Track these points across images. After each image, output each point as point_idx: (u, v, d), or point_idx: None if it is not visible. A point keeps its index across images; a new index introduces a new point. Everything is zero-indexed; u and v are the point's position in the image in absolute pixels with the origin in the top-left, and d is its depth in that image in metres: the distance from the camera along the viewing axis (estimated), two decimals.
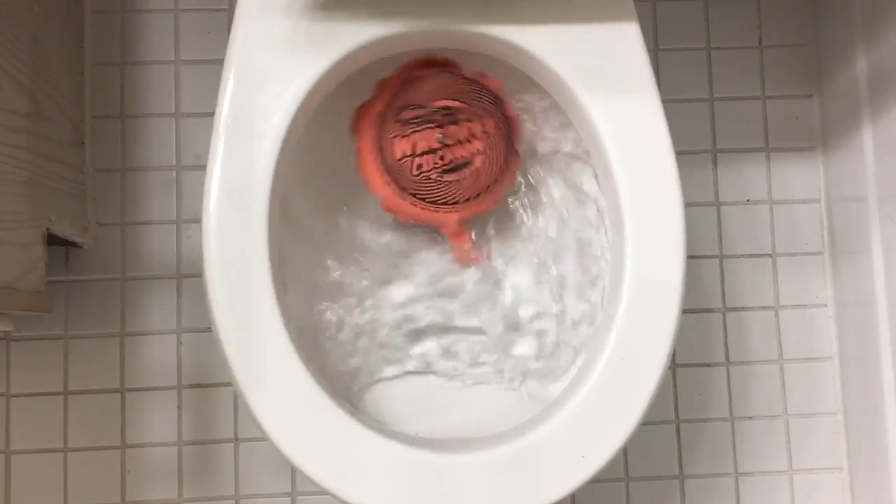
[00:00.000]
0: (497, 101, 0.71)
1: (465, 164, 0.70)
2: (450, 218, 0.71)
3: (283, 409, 0.61)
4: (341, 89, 0.69)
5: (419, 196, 0.70)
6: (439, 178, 0.69)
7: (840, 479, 0.95)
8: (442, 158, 0.69)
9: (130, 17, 0.96)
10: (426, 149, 0.69)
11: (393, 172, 0.70)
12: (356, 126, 0.73)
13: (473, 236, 0.75)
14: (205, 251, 0.63)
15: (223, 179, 0.64)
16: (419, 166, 0.69)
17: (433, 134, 0.69)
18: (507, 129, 0.71)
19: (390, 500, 0.59)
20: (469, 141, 0.69)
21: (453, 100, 0.70)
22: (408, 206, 0.71)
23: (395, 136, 0.69)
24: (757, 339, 0.96)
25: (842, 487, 0.94)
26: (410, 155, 0.69)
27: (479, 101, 0.70)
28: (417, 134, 0.69)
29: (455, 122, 0.69)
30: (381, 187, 0.71)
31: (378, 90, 0.72)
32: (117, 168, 0.94)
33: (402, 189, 0.70)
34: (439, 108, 0.69)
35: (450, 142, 0.69)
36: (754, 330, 0.96)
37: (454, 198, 0.70)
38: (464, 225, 0.73)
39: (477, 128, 0.69)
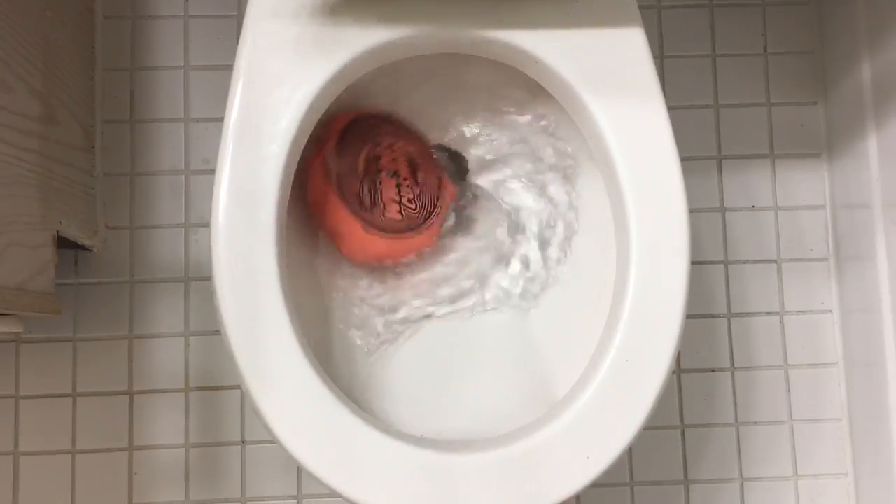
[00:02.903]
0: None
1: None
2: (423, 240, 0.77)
3: (291, 411, 0.61)
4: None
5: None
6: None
7: (845, 484, 0.95)
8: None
9: (141, 22, 0.97)
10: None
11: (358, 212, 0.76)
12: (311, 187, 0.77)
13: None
14: (213, 253, 0.64)
15: (232, 182, 0.65)
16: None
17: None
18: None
19: (397, 501, 0.60)
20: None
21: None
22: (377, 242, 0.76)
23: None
24: (762, 345, 0.96)
25: (847, 493, 0.94)
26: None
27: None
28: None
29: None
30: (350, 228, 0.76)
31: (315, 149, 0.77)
32: (127, 172, 0.95)
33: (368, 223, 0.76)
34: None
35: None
36: (759, 335, 0.96)
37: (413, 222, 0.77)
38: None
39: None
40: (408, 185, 0.77)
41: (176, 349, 0.93)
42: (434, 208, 0.78)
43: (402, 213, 0.77)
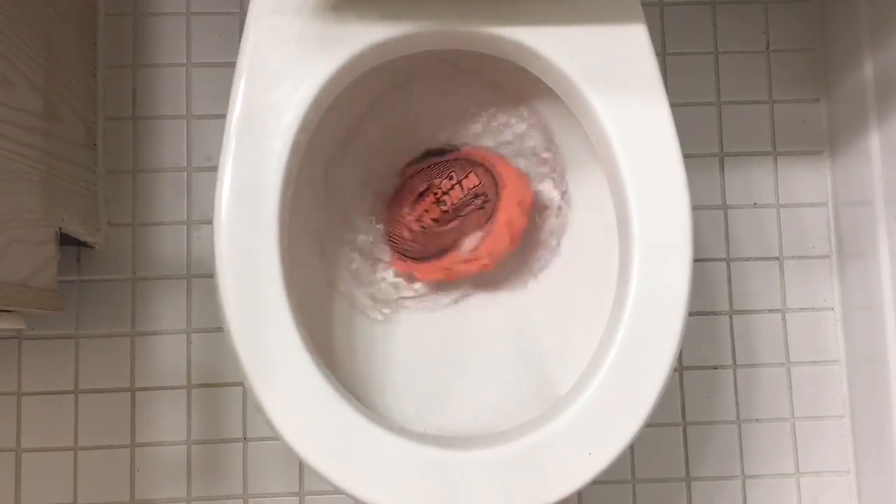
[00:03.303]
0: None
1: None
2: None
3: (294, 407, 0.61)
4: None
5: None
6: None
7: (847, 482, 0.95)
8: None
9: (143, 20, 0.97)
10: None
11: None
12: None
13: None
14: (216, 250, 0.64)
15: (235, 179, 0.65)
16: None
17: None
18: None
19: (399, 496, 0.60)
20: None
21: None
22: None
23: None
24: (764, 342, 0.96)
25: (849, 490, 0.94)
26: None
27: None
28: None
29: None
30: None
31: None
32: (129, 169, 0.95)
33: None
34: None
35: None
36: (761, 333, 0.96)
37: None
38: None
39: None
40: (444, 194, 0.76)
41: (178, 346, 0.93)
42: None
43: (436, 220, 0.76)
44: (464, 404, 0.72)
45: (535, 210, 0.77)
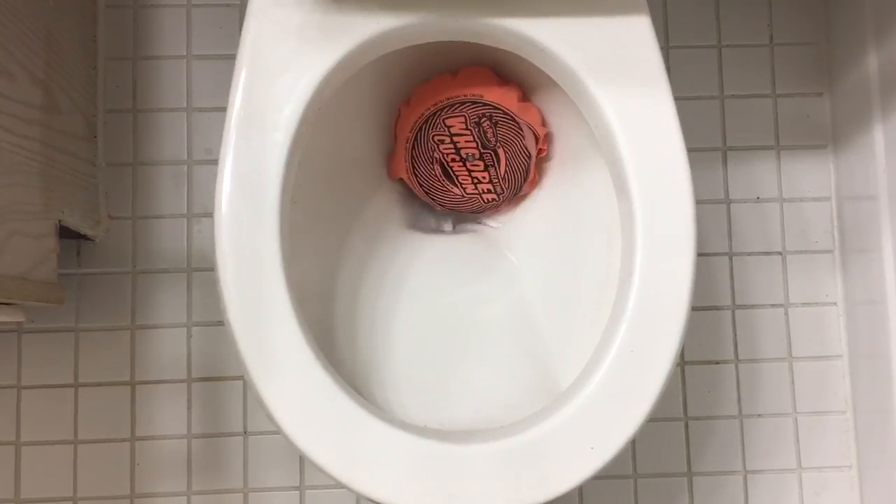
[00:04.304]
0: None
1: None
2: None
3: (295, 401, 0.61)
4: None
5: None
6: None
7: (849, 477, 0.94)
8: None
9: (143, 12, 0.96)
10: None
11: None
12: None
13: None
14: (217, 242, 0.63)
15: (235, 171, 0.64)
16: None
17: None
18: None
19: (401, 490, 0.59)
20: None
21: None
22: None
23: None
24: (766, 337, 0.96)
25: (851, 485, 0.94)
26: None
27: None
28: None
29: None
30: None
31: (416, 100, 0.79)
32: (129, 162, 0.95)
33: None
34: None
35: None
36: (764, 327, 0.96)
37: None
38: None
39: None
40: (482, 168, 0.78)
41: (178, 340, 0.93)
42: (525, 174, 0.79)
43: (484, 200, 0.80)
44: (465, 398, 0.72)
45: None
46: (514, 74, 0.79)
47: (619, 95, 0.66)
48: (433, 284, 0.78)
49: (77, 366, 0.92)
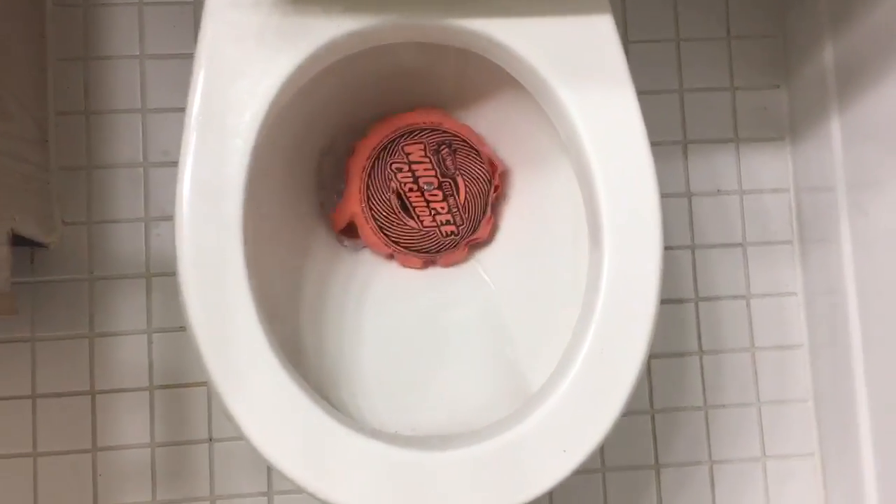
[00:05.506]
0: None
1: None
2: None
3: (262, 411, 0.60)
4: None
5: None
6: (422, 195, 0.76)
7: (812, 465, 0.96)
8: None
9: (93, 10, 0.93)
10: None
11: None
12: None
13: None
14: (178, 249, 0.62)
15: (196, 177, 0.63)
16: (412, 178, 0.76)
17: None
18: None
19: (372, 500, 0.59)
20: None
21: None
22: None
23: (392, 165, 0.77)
24: (729, 328, 0.97)
25: (814, 472, 0.96)
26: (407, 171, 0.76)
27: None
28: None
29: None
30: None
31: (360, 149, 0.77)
32: (83, 166, 0.92)
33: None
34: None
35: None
36: (726, 319, 0.97)
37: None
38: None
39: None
40: (441, 198, 0.77)
41: (139, 347, 0.91)
42: (484, 206, 0.77)
43: (443, 233, 0.77)
44: (437, 402, 0.71)
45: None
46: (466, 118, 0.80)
47: (583, 94, 0.66)
48: (401, 289, 0.77)
49: (34, 376, 0.89)
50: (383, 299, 0.76)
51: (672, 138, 0.98)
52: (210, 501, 0.90)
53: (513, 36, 0.66)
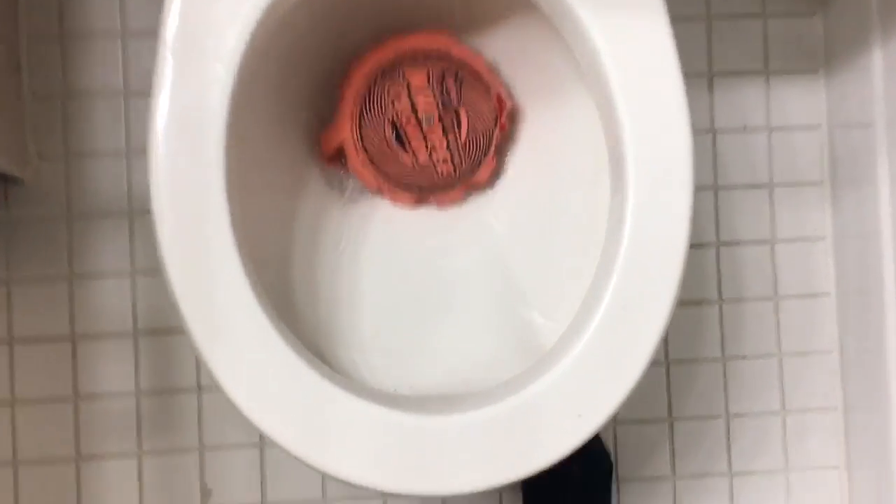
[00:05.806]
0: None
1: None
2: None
3: (245, 367, 0.55)
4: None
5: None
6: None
7: (834, 419, 0.91)
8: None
9: None
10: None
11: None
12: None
13: None
14: (152, 188, 0.56)
15: (173, 108, 0.57)
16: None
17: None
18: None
19: (369, 468, 0.53)
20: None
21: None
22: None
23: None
24: (751, 275, 0.91)
25: (836, 428, 0.91)
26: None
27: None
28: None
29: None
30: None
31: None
32: (58, 94, 0.85)
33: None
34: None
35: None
36: (748, 265, 0.91)
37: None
38: None
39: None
40: (440, 133, 0.69)
41: (122, 289, 0.85)
42: (487, 146, 0.70)
43: (439, 172, 0.70)
44: (438, 358, 0.66)
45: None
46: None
47: (609, 17, 0.59)
48: (401, 234, 0.71)
49: (10, 320, 0.84)
50: (381, 245, 0.70)
51: (697, 69, 0.91)
52: (199, 452, 0.85)
53: None
